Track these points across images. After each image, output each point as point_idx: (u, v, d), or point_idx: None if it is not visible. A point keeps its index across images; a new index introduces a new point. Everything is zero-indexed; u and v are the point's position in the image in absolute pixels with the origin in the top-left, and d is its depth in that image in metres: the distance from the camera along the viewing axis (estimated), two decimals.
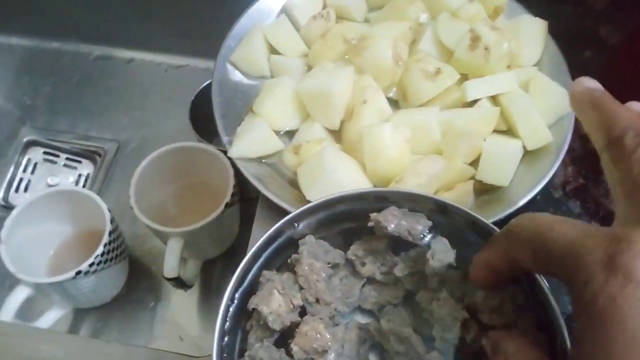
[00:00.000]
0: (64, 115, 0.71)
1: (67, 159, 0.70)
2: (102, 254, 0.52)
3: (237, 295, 0.27)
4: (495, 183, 0.35)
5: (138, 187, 0.56)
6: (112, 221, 0.53)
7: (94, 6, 0.72)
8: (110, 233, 0.52)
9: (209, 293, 0.61)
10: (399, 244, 0.30)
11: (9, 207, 0.66)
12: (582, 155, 0.38)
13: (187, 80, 0.74)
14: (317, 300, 0.28)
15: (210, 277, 0.61)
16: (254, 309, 0.27)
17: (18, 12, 0.74)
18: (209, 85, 0.61)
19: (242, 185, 0.52)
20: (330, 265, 0.29)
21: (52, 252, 0.59)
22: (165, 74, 0.75)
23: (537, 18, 0.40)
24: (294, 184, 0.36)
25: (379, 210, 0.29)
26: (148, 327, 0.60)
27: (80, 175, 0.69)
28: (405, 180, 0.33)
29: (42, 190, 0.56)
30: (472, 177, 0.35)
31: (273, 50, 0.40)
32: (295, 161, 0.36)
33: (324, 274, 0.28)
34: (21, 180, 0.68)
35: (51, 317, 0.56)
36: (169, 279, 0.52)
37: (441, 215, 0.29)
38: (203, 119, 0.60)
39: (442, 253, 0.28)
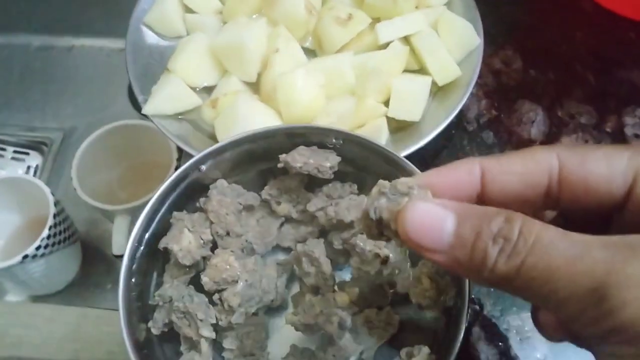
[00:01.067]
0: (8, 108, 0.70)
1: (14, 151, 0.69)
2: (49, 237, 0.51)
3: (145, 238, 0.28)
4: (407, 119, 0.36)
5: (80, 169, 0.56)
6: (56, 204, 0.53)
7: None
8: (55, 216, 0.52)
9: None
10: (314, 180, 0.31)
11: None
12: (494, 88, 0.39)
13: None
14: (228, 233, 0.28)
15: None
16: (165, 249, 0.28)
17: None
18: None
19: (186, 159, 0.52)
20: (243, 206, 0.30)
21: (3, 241, 0.58)
22: (108, 58, 0.74)
23: None
24: (214, 138, 0.36)
25: (292, 148, 0.30)
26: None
27: (29, 167, 0.68)
28: (317, 120, 0.33)
29: None
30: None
31: (188, 10, 0.40)
32: (213, 115, 0.36)
33: (232, 208, 0.29)
34: None
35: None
36: (118, 257, 0.52)
37: (350, 146, 0.30)
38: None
39: (344, 210, 0.28)
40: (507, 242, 0.17)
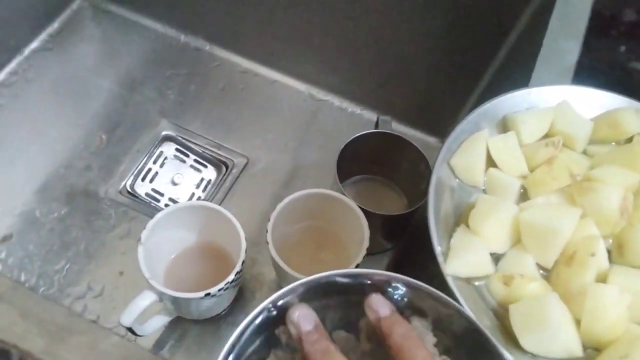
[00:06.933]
0: (202, 119, 0.68)
1: (195, 160, 0.68)
2: (232, 281, 0.49)
3: None
4: None
5: (274, 221, 0.54)
6: (246, 250, 0.51)
7: (257, 24, 0.69)
8: (242, 262, 0.50)
9: None
10: None
11: (132, 194, 0.64)
12: None
13: (324, 115, 0.71)
14: None
15: None
16: None
17: (181, 6, 0.72)
18: (357, 138, 0.58)
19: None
20: None
21: (173, 256, 0.57)
22: (304, 103, 0.72)
23: None
24: (498, 315, 0.33)
25: None
26: None
27: (202, 180, 0.67)
28: (632, 357, 0.30)
29: (189, 202, 0.53)
30: None
31: (491, 163, 0.37)
32: (502, 292, 0.33)
33: None
34: (149, 170, 0.66)
35: (156, 321, 0.54)
36: None
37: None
38: (339, 163, 0.58)
39: None
40: None
